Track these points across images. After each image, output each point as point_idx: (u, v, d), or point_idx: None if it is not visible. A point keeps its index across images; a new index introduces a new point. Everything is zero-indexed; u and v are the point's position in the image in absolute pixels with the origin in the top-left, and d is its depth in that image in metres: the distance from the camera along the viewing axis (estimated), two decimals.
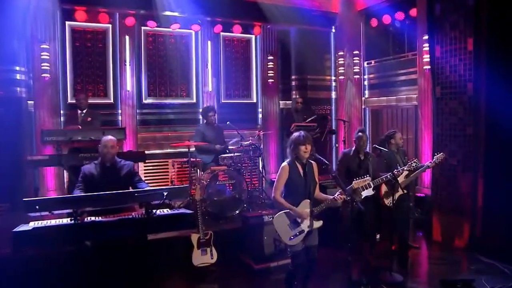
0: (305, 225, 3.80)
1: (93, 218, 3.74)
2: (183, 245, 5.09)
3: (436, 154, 5.23)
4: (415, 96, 7.43)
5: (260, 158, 7.18)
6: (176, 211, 4.04)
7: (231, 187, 6.18)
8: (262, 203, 6.50)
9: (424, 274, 5.29)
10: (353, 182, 4.15)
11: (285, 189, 3.81)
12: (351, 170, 5.06)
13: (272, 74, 8.60)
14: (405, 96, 7.80)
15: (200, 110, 7.77)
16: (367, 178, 4.24)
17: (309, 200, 3.79)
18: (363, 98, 8.75)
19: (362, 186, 4.40)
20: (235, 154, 6.61)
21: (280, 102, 8.79)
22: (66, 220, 3.64)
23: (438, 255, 5.66)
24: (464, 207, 5.81)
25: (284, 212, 3.77)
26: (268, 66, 8.57)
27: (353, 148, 5.25)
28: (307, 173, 3.80)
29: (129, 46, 7.73)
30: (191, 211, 4.11)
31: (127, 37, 7.68)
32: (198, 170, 6.83)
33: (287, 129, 7.27)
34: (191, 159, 6.54)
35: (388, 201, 5.06)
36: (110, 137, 4.24)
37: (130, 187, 4.21)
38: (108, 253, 3.86)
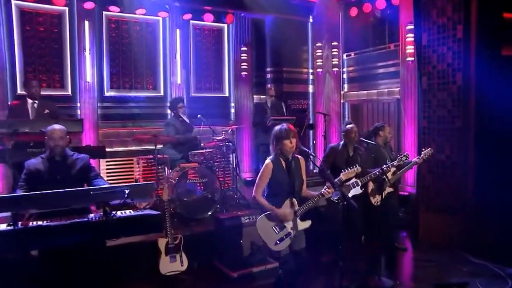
0: (290, 227, 3.58)
1: (40, 222, 3.22)
2: (148, 251, 4.74)
3: (423, 149, 5.11)
4: (397, 89, 7.33)
5: (233, 154, 6.93)
6: (140, 213, 3.57)
7: (202, 186, 5.87)
8: (237, 204, 6.25)
9: (414, 277, 5.10)
10: (341, 174, 3.85)
11: (268, 188, 3.60)
12: (338, 167, 4.76)
13: (246, 67, 8.32)
14: (386, 90, 7.71)
15: (168, 104, 7.50)
16: (356, 168, 3.93)
17: (294, 199, 3.57)
18: (342, 92, 8.64)
19: (353, 183, 4.27)
20: (207, 150, 6.32)
21: (254, 96, 8.49)
22: (4, 226, 3.13)
23: (426, 256, 5.45)
24: (454, 204, 5.66)
25: (265, 214, 3.56)
26: (242, 57, 8.28)
27: (342, 142, 5.02)
28: (293, 170, 3.59)
29: (88, 33, 7.16)
30: (157, 212, 3.62)
31: (86, 22, 7.11)
32: (166, 167, 6.43)
33: (262, 125, 7.06)
34: (158, 155, 6.11)
35: (375, 200, 4.98)
36: (56, 126, 3.73)
37: (86, 185, 3.73)
38: (59, 263, 3.38)
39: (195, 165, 5.99)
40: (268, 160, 3.58)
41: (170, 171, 6.21)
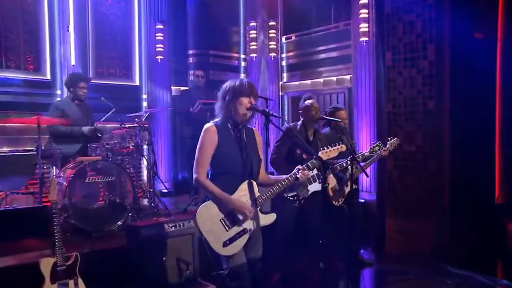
0: (248, 222, 3.04)
1: None
2: (24, 279, 3.77)
3: (389, 139, 4.92)
4: (348, 77, 7.14)
5: (150, 147, 6.13)
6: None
7: (107, 188, 5.13)
8: (156, 212, 5.55)
9: None
10: (321, 151, 3.26)
11: (213, 166, 3.05)
12: (295, 153, 4.39)
13: (162, 49, 7.63)
14: (335, 78, 7.46)
15: (58, 91, 6.71)
16: (340, 146, 3.29)
17: (252, 182, 3.08)
18: (280, 83, 8.36)
19: (313, 176, 4.03)
20: (114, 141, 5.54)
21: (172, 88, 7.85)
22: None
23: (400, 270, 5.04)
24: (427, 206, 5.39)
25: (211, 201, 3.02)
26: (157, 37, 7.59)
27: (300, 123, 4.66)
28: (247, 142, 3.11)
29: None
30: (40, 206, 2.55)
31: None
32: (54, 166, 5.42)
33: (183, 115, 6.85)
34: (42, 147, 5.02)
35: (337, 200, 4.75)
36: None
37: None
38: None
39: (98, 159, 5.05)
40: (210, 123, 3.05)
41: (61, 168, 5.14)
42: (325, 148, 3.25)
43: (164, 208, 5.64)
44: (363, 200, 6.29)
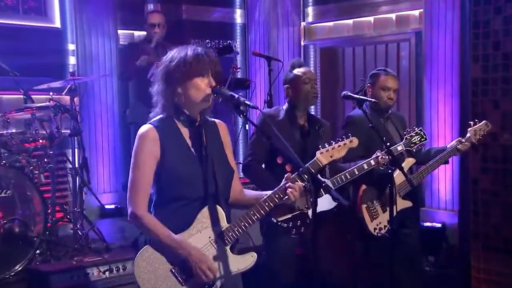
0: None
1: None
2: None
3: (472, 123, 4.61)
4: (417, 13, 6.39)
5: (76, 139, 5.73)
6: None
7: (2, 210, 5.07)
8: (84, 246, 5.28)
9: None
10: (321, 151, 3.19)
11: (157, 190, 2.98)
12: (280, 155, 4.24)
13: None
14: (394, 16, 6.69)
15: None
16: (350, 139, 3.31)
17: (217, 209, 2.97)
18: (302, 24, 7.57)
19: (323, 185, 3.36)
20: (11, 131, 5.35)
21: (120, 34, 7.03)
22: None
23: None
24: None
25: (154, 245, 2.93)
26: None
27: (285, 107, 4.50)
28: (208, 146, 3.03)
29: None
30: None
31: None
32: None
33: (137, 83, 6.39)
34: None
35: (375, 225, 4.47)
36: None
37: None
38: None
39: None
40: (146, 126, 2.94)
41: None
42: (326, 145, 3.20)
43: (100, 238, 5.33)
44: (439, 225, 5.98)
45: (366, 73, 6.58)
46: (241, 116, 2.92)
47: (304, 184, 2.98)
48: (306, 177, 2.93)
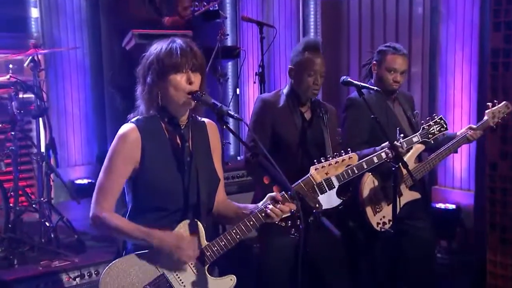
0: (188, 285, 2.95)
1: None
2: None
3: (493, 103, 4.46)
4: None
5: (44, 119, 5.55)
6: None
7: None
8: (52, 244, 5.00)
9: None
10: (315, 167, 3.14)
11: (134, 198, 2.91)
12: (285, 146, 4.18)
13: None
14: None
15: None
16: (349, 156, 3.21)
17: (197, 224, 2.94)
18: None
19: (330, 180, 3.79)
20: None
21: None
22: None
23: None
24: None
25: (127, 258, 2.85)
26: None
27: (285, 90, 4.23)
28: (194, 152, 2.97)
29: None
30: None
31: None
32: None
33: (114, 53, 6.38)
34: None
35: (378, 219, 4.30)
36: None
37: None
38: None
39: None
40: (128, 125, 2.87)
41: None
42: (322, 160, 3.13)
43: (70, 229, 5.05)
44: (453, 206, 5.83)
45: (374, 27, 6.48)
46: (224, 127, 2.79)
47: (291, 210, 2.92)
48: (295, 201, 2.85)
